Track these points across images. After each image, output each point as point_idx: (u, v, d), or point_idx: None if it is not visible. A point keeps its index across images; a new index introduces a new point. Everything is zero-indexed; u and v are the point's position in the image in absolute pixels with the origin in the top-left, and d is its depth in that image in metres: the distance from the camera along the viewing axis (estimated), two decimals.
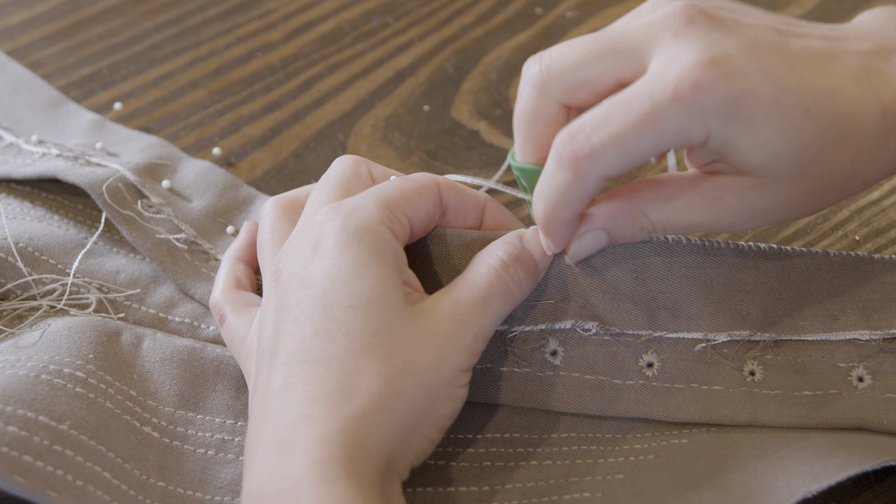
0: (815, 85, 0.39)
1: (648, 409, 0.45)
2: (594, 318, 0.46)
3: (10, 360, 0.45)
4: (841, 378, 0.45)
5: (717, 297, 0.45)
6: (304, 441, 0.37)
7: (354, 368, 0.39)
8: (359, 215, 0.41)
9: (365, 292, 0.40)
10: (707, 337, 0.46)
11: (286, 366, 0.40)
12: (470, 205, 0.46)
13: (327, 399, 0.38)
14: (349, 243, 0.40)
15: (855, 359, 0.45)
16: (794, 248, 0.46)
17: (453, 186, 0.45)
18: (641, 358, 0.46)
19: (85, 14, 0.71)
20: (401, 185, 0.44)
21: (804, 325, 0.45)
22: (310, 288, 0.40)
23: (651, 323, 0.46)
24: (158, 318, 0.51)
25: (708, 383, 0.45)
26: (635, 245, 0.45)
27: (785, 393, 0.45)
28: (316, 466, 0.37)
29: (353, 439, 0.37)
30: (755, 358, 0.45)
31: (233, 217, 0.56)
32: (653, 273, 0.45)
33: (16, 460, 0.40)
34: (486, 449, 0.46)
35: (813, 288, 0.45)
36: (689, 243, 0.45)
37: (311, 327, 0.40)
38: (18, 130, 0.61)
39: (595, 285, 0.45)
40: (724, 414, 0.45)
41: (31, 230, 0.53)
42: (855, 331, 0.45)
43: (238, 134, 0.63)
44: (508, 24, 0.70)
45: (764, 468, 0.42)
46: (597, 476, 0.44)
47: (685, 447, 0.44)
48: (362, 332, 0.39)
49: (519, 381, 0.46)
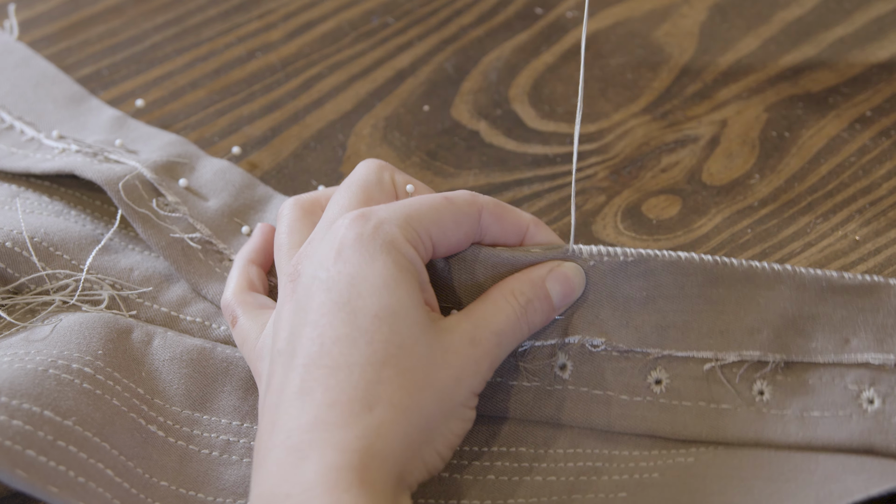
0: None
1: (655, 425, 0.45)
2: (602, 334, 0.46)
3: (20, 353, 0.45)
4: (851, 400, 0.44)
5: (729, 316, 0.45)
6: (320, 446, 0.37)
7: (377, 378, 0.38)
8: (387, 229, 0.41)
9: (392, 305, 0.40)
10: (717, 356, 0.45)
11: (304, 368, 0.39)
12: (511, 232, 0.45)
13: (347, 406, 0.38)
14: (376, 255, 0.40)
15: (866, 382, 0.44)
16: (808, 270, 0.45)
17: (496, 214, 0.45)
18: (650, 375, 0.46)
19: (85, 14, 0.71)
20: (437, 205, 0.43)
21: (816, 346, 0.45)
22: (333, 293, 0.40)
23: (660, 341, 0.45)
24: (170, 317, 0.51)
25: (716, 402, 0.45)
26: (646, 262, 0.45)
27: (793, 413, 0.44)
28: (330, 472, 0.36)
29: (370, 448, 0.37)
30: (764, 378, 0.45)
31: (248, 217, 0.56)
32: (664, 292, 0.45)
33: (19, 454, 0.40)
34: (491, 462, 0.46)
35: (826, 310, 0.45)
36: (701, 261, 0.45)
37: (332, 332, 0.39)
38: (40, 125, 0.61)
39: (605, 302, 0.46)
40: (730, 433, 0.45)
41: (48, 225, 0.53)
42: (867, 353, 0.44)
43: (238, 134, 0.63)
44: (508, 24, 0.70)
45: (769, 491, 0.42)
46: (599, 493, 0.43)
47: (691, 466, 0.44)
48: (387, 342, 0.39)
49: (528, 395, 0.46)
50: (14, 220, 0.52)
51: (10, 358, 0.45)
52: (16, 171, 0.57)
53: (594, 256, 0.45)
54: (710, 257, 0.45)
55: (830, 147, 0.60)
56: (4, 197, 0.56)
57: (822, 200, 0.57)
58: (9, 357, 0.45)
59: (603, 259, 0.45)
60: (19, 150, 0.59)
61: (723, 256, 0.46)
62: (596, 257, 0.45)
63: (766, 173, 0.58)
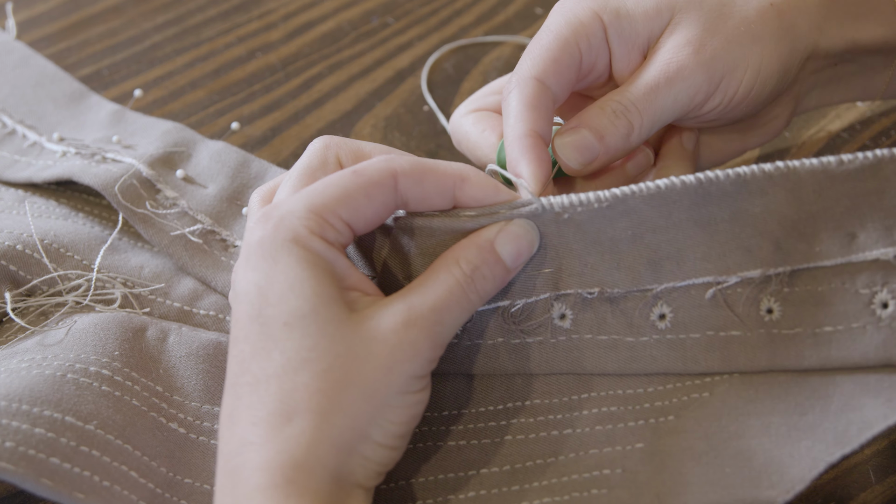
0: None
1: (666, 364, 0.44)
2: (595, 283, 0.44)
3: (37, 359, 0.45)
4: (863, 307, 0.41)
5: (723, 236, 0.42)
6: (248, 468, 0.37)
7: (292, 386, 0.37)
8: (287, 225, 0.39)
9: (300, 307, 0.38)
10: (717, 280, 0.43)
11: (231, 389, 0.39)
12: (436, 191, 0.42)
13: (267, 422, 0.37)
14: (278, 257, 0.39)
15: (878, 282, 0.40)
16: (802, 162, 0.41)
17: (416, 175, 0.41)
18: (652, 311, 0.44)
19: (85, 14, 0.71)
20: (343, 183, 0.40)
21: (820, 249, 0.41)
22: (245, 304, 0.39)
23: (656, 276, 0.43)
24: (183, 312, 0.51)
25: (724, 329, 0.43)
26: (625, 201, 0.42)
27: (805, 331, 0.42)
28: (257, 494, 0.36)
29: (292, 461, 0.36)
30: (772, 294, 0.42)
31: (246, 197, 0.56)
32: (649, 225, 0.42)
33: (43, 463, 0.40)
34: (507, 421, 0.45)
35: (827, 205, 0.41)
36: (683, 185, 0.41)
37: (248, 347, 0.38)
38: (41, 128, 0.61)
39: (591, 249, 0.43)
40: (742, 362, 0.43)
41: (57, 227, 0.53)
42: (876, 249, 0.40)
43: (238, 134, 0.63)
44: (508, 24, 0.70)
45: (786, 428, 0.40)
46: (616, 446, 0.43)
47: (707, 402, 0.42)
48: (298, 348, 0.38)
49: (533, 351, 0.45)
50: (23, 223, 0.53)
51: (28, 364, 0.45)
52: (19, 182, 0.57)
53: (567, 208, 0.42)
54: (693, 177, 0.41)
55: (830, 147, 0.60)
56: (12, 201, 0.56)
57: None
58: (26, 363, 0.45)
59: (576, 210, 0.42)
60: (22, 157, 0.59)
61: (706, 172, 0.42)
62: (569, 209, 0.42)
63: None
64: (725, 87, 0.46)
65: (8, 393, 0.42)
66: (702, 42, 0.46)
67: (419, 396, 0.40)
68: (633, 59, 0.47)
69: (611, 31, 0.47)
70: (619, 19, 0.47)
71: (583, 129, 0.45)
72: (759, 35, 0.46)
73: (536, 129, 0.45)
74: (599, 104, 0.46)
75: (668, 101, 0.46)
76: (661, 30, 0.47)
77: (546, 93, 0.46)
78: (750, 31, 0.46)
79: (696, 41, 0.46)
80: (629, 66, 0.47)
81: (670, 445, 0.42)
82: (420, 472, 0.44)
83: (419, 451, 0.45)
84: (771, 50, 0.46)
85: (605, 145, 0.45)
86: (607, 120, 0.45)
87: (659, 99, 0.45)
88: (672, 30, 0.46)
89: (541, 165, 0.44)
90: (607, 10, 0.47)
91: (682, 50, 0.46)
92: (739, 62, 0.46)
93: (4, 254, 0.50)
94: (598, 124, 0.45)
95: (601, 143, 0.45)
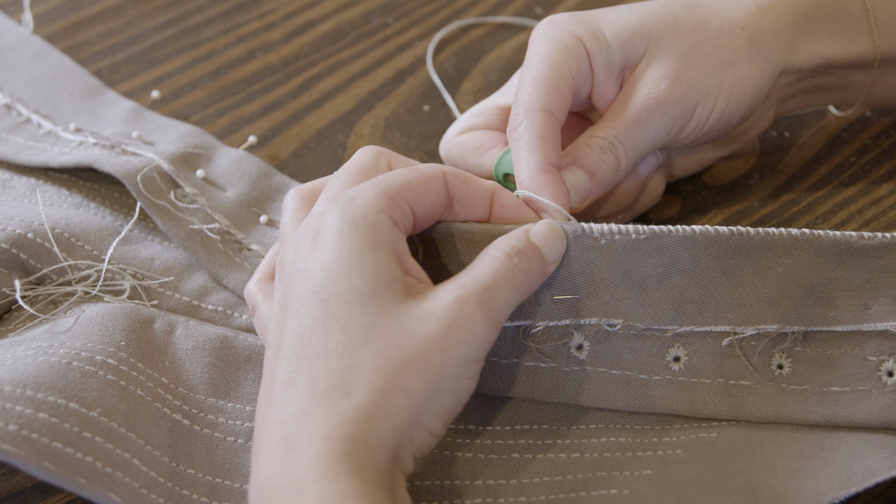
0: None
1: (675, 404, 0.45)
2: (619, 315, 0.45)
3: (44, 346, 0.45)
4: (870, 373, 0.44)
5: (746, 288, 0.44)
6: (306, 438, 0.38)
7: (352, 363, 0.39)
8: (357, 204, 0.41)
9: (361, 286, 0.40)
10: (735, 330, 0.45)
11: (287, 361, 0.40)
12: (477, 194, 0.45)
13: (326, 395, 0.38)
14: (345, 233, 0.40)
15: (885, 351, 0.44)
16: (826, 233, 0.44)
17: (461, 177, 0.45)
18: (668, 352, 0.45)
19: (85, 14, 0.71)
20: (404, 174, 0.43)
21: (835, 315, 0.44)
22: (309, 281, 0.41)
23: (678, 318, 0.45)
24: (192, 306, 0.52)
25: (735, 378, 0.45)
26: (660, 238, 0.44)
27: (813, 388, 0.44)
28: (317, 462, 0.37)
29: (352, 434, 0.37)
30: (784, 351, 0.44)
31: (266, 206, 0.56)
32: (679, 267, 0.44)
33: (45, 447, 0.40)
34: (514, 441, 0.46)
35: (846, 274, 0.44)
36: (716, 233, 0.44)
37: (310, 322, 0.40)
38: (57, 118, 0.61)
39: (620, 281, 0.45)
40: (749, 411, 0.44)
41: (68, 216, 0.53)
42: (887, 321, 0.43)
43: (238, 134, 0.63)
44: (508, 24, 0.70)
45: (792, 469, 0.41)
46: (624, 471, 0.43)
47: (714, 442, 0.44)
48: (358, 326, 0.39)
49: (545, 376, 0.46)
50: (35, 212, 0.53)
51: (35, 351, 0.45)
52: (34, 165, 0.57)
53: (605, 235, 0.44)
54: (726, 228, 0.44)
55: (830, 147, 0.60)
56: (24, 190, 0.56)
57: (822, 200, 0.57)
58: (33, 350, 0.45)
59: (615, 237, 0.44)
60: (37, 143, 0.59)
61: (738, 227, 0.45)
62: (608, 235, 0.44)
63: (766, 173, 0.58)
64: (699, 116, 0.49)
65: (13, 378, 0.42)
66: (677, 74, 0.48)
67: (469, 384, 0.41)
68: (610, 87, 0.50)
69: (594, 58, 0.49)
70: (600, 47, 0.49)
71: (576, 169, 0.48)
72: (730, 61, 0.49)
73: (551, 162, 0.47)
74: (585, 140, 0.48)
75: (649, 134, 0.48)
76: (636, 59, 0.50)
77: (554, 123, 0.48)
78: (722, 59, 0.49)
79: (672, 74, 0.48)
80: (607, 94, 0.50)
81: (678, 475, 0.43)
82: (426, 475, 0.45)
83: (427, 455, 0.45)
84: (743, 73, 0.49)
85: (597, 182, 0.48)
86: (597, 157, 0.48)
87: (641, 133, 0.48)
88: (648, 62, 0.49)
89: (563, 197, 0.46)
90: (589, 38, 0.49)
91: (660, 84, 0.48)
92: (712, 89, 0.49)
93: (15, 242, 0.50)
94: (590, 162, 0.48)
95: (593, 181, 0.48)
